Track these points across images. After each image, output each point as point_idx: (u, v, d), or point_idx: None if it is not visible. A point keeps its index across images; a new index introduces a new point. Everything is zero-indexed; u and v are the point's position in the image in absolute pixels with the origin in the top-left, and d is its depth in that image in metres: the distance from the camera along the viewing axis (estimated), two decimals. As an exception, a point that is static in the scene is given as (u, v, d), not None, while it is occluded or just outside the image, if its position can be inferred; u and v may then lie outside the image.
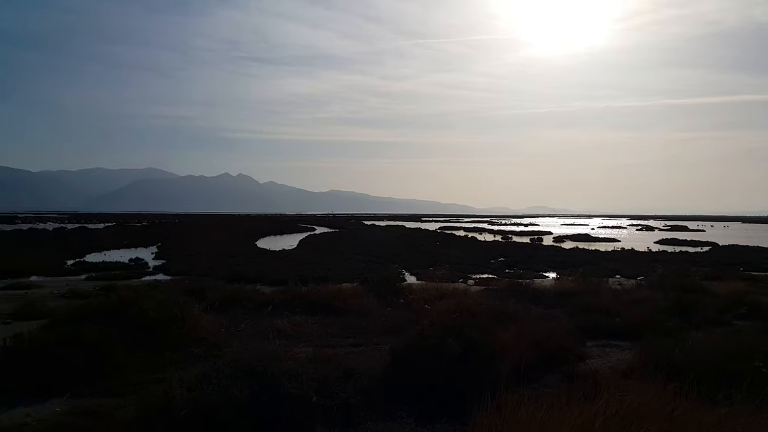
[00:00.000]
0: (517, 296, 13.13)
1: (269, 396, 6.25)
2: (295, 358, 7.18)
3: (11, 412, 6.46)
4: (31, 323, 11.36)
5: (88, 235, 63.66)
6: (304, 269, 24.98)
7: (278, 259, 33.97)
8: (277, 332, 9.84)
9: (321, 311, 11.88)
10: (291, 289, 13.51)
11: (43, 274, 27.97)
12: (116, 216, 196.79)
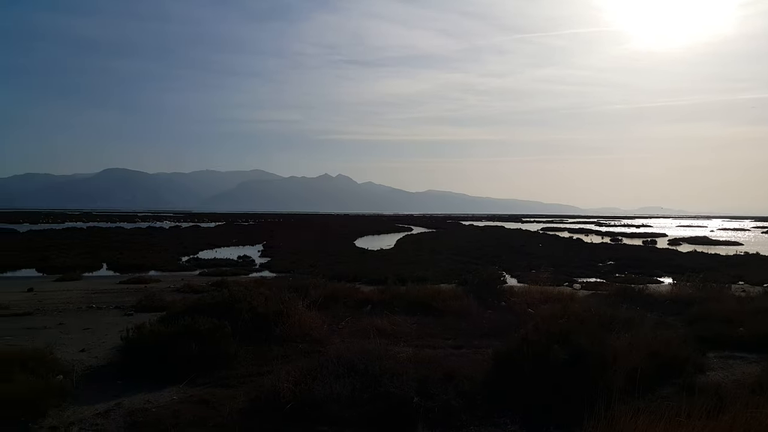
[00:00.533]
0: (629, 302, 12.41)
1: (370, 394, 6.31)
2: (395, 358, 7.20)
3: (133, 398, 6.96)
4: (151, 315, 12.25)
5: (200, 233, 67.86)
6: (401, 269, 25.13)
7: (376, 259, 34.43)
8: (377, 331, 9.92)
9: (419, 311, 11.86)
10: (390, 288, 13.60)
11: (161, 270, 30.17)
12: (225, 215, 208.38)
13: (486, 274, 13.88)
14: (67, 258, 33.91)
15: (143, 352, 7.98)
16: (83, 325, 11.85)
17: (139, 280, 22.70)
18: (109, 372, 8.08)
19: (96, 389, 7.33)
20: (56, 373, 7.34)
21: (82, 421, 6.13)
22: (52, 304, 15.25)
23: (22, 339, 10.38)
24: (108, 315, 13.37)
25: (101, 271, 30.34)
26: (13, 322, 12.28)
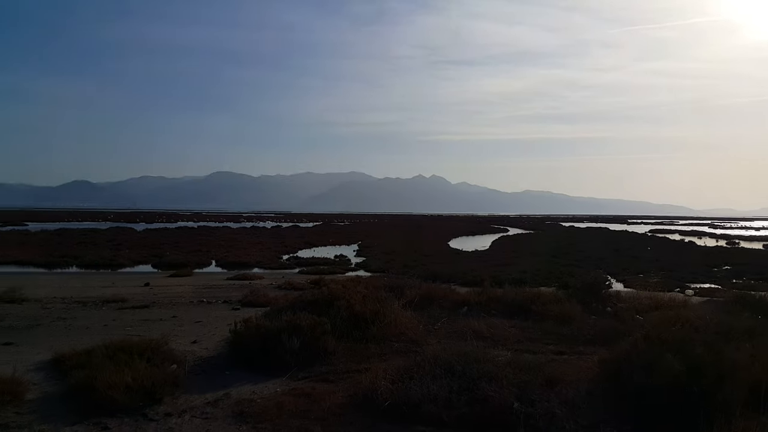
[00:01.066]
0: (749, 310, 11.41)
1: (468, 396, 6.21)
2: (493, 361, 7.04)
3: (241, 389, 7.29)
4: (256, 310, 12.80)
5: (299, 233, 70.26)
6: (498, 270, 24.67)
7: (471, 260, 34.02)
8: (474, 333, 9.78)
9: (518, 315, 11.55)
10: (486, 290, 13.36)
11: (264, 267, 31.54)
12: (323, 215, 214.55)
13: (590, 278, 13.28)
14: (180, 255, 36.30)
15: (249, 345, 8.36)
16: (194, 318, 12.60)
17: (244, 276, 23.83)
18: (218, 363, 8.53)
19: (206, 379, 7.76)
20: (170, 362, 7.83)
21: (193, 409, 6.50)
22: (166, 298, 16.36)
23: (140, 330, 11.21)
24: (217, 309, 14.14)
25: (210, 267, 32.17)
26: (132, 314, 13.29)
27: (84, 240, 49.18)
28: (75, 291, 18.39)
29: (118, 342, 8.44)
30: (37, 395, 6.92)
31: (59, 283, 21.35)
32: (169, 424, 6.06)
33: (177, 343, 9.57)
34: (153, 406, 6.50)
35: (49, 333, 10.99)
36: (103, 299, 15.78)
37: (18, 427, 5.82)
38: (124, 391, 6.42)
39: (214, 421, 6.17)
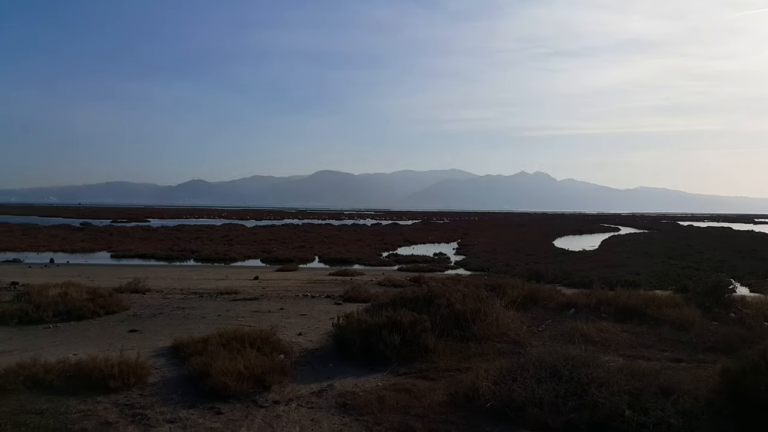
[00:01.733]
0: None
1: (576, 402, 5.94)
2: (603, 366, 6.68)
3: (343, 381, 7.45)
4: (357, 305, 13.04)
5: (398, 231, 70.87)
6: (607, 272, 23.52)
7: (578, 260, 32.67)
8: (582, 336, 9.35)
9: (630, 319, 10.90)
10: (595, 292, 12.73)
11: (364, 264, 32.16)
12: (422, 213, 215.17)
13: (711, 281, 12.28)
14: (286, 251, 37.86)
15: (351, 339, 8.51)
16: (300, 311, 13.05)
17: (345, 272, 24.40)
18: (322, 355, 8.76)
19: (310, 370, 8.00)
20: (278, 352, 8.15)
21: (299, 398, 6.72)
22: (273, 291, 17.09)
23: (250, 321, 11.78)
24: (320, 303, 14.57)
25: (313, 263, 33.28)
26: (243, 306, 14.00)
27: (200, 235, 52.57)
28: (192, 283, 19.70)
29: (231, 331, 8.90)
30: (159, 379, 7.44)
31: (178, 275, 22.96)
32: (277, 411, 6.30)
33: (284, 334, 9.95)
34: (262, 393, 6.80)
35: (169, 321, 11.82)
36: (217, 291, 16.76)
37: (141, 408, 6.28)
38: (237, 378, 6.76)
39: (318, 410, 6.34)
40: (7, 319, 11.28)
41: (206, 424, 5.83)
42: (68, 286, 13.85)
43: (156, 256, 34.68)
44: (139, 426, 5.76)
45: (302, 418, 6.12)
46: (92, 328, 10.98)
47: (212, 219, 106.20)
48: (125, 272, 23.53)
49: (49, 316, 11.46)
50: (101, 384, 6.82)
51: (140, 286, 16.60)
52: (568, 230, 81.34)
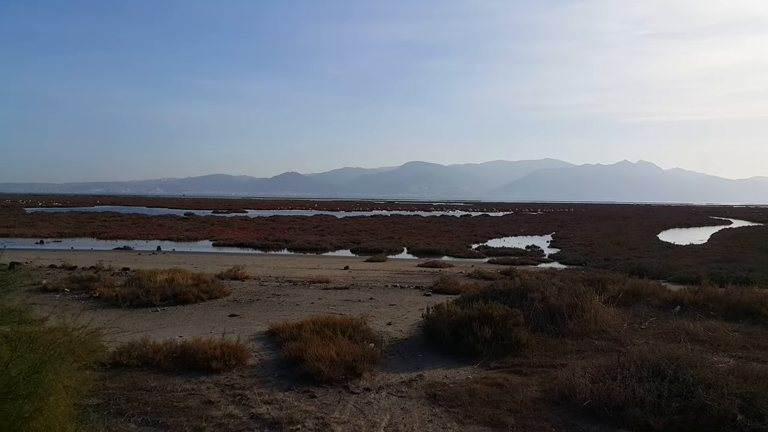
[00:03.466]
0: None
1: (680, 403, 5.58)
2: (712, 368, 6.23)
3: (433, 372, 7.42)
4: (447, 297, 12.96)
5: (489, 222, 69.79)
6: (717, 267, 21.95)
7: (685, 255, 30.69)
8: (688, 335, 8.77)
9: (743, 318, 10.10)
10: (704, 288, 11.88)
11: (453, 255, 31.93)
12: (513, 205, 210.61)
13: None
14: (375, 241, 38.34)
15: (441, 330, 8.47)
16: (389, 301, 13.16)
17: (434, 264, 24.34)
18: (411, 345, 8.78)
19: (399, 359, 8.04)
20: (369, 341, 8.25)
21: (389, 387, 6.77)
22: (363, 281, 17.35)
23: (341, 309, 12.02)
24: (409, 294, 14.61)
25: (402, 254, 33.46)
26: (334, 294, 14.31)
27: (293, 226, 54.36)
28: (286, 271, 20.40)
29: (323, 319, 9.13)
30: (257, 362, 7.76)
31: (273, 264, 23.86)
32: (368, 398, 6.38)
33: (374, 323, 10.07)
34: (353, 380, 6.91)
35: (265, 307, 12.30)
36: (310, 280, 17.25)
37: (241, 389, 6.57)
38: (329, 364, 6.91)
39: (408, 399, 6.35)
40: (119, 302, 12.20)
41: (301, 407, 5.99)
42: (174, 272, 14.76)
43: (253, 245, 36.21)
44: (239, 406, 6.02)
45: (392, 406, 6.15)
46: (196, 312, 11.63)
47: (304, 210, 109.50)
48: (225, 260, 24.76)
49: (156, 300, 12.28)
50: (204, 365, 7.21)
51: (239, 274, 17.39)
52: (673, 223, 76.56)
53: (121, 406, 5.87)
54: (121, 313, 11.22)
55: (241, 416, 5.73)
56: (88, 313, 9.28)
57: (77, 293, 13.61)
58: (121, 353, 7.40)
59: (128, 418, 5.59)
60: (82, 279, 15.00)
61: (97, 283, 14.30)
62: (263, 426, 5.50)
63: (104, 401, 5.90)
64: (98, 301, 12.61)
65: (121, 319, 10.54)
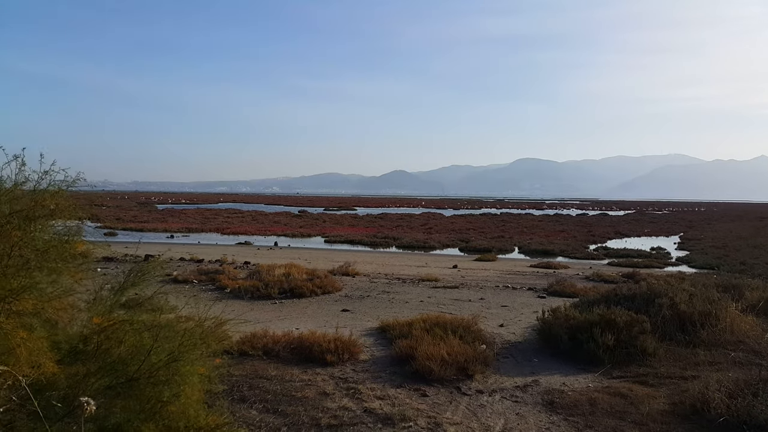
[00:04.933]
0: None
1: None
2: None
3: (550, 378, 7.14)
4: (563, 300, 12.46)
5: (608, 222, 66.37)
6: None
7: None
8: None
9: None
10: None
11: (568, 256, 30.67)
12: (635, 203, 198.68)
13: None
14: (484, 240, 37.77)
15: (558, 335, 8.13)
16: (500, 302, 12.88)
17: (548, 264, 23.51)
18: (525, 348, 8.52)
19: (513, 363, 7.82)
20: (480, 342, 8.10)
21: (503, 390, 6.60)
22: (472, 281, 17.12)
23: (451, 308, 11.93)
24: (522, 295, 14.21)
25: (513, 254, 32.66)
26: (444, 293, 14.24)
27: (401, 224, 54.88)
28: (395, 269, 20.61)
29: (434, 317, 9.09)
30: (368, 357, 7.88)
31: (382, 261, 24.21)
32: (481, 400, 6.25)
33: (485, 324, 9.89)
34: (465, 381, 6.81)
35: (375, 304, 12.49)
36: (419, 278, 17.30)
37: (354, 383, 6.70)
38: (440, 364, 6.86)
39: (524, 405, 6.15)
40: (242, 294, 12.93)
41: (413, 405, 6.00)
42: (290, 267, 15.41)
43: (362, 242, 36.98)
44: (353, 399, 6.13)
45: (506, 410, 5.99)
46: (311, 306, 12.06)
47: (412, 208, 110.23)
48: (336, 256, 25.49)
49: (275, 293, 12.88)
50: (320, 357, 7.43)
51: (350, 270, 17.82)
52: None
53: (244, 393, 6.19)
54: (243, 305, 11.88)
55: (355, 409, 5.83)
56: (215, 303, 9.91)
57: (204, 284, 14.60)
58: (244, 342, 7.81)
59: (250, 405, 5.88)
60: (208, 271, 16.08)
61: (221, 275, 15.25)
62: (376, 421, 5.56)
63: (229, 388, 6.24)
64: (223, 292, 13.45)
65: (244, 310, 11.15)
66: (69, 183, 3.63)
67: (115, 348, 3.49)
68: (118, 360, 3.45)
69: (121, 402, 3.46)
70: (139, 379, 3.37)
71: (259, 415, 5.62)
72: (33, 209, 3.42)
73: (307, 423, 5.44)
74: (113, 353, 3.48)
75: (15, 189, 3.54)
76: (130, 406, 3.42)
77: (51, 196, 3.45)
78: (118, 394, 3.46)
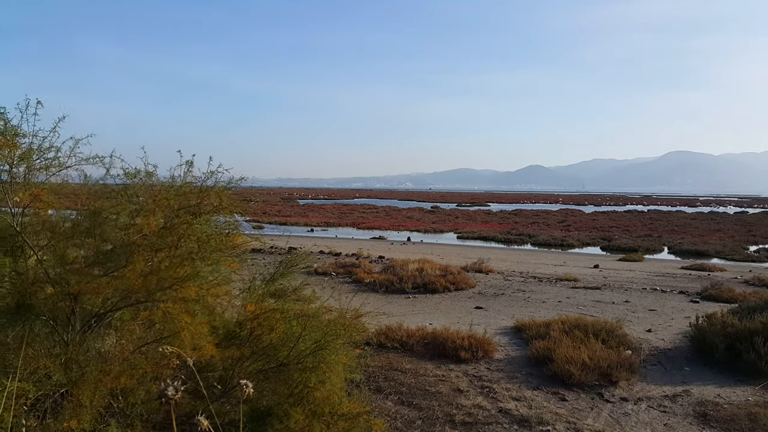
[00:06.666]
0: None
1: None
2: None
3: (703, 389, 6.58)
4: (719, 305, 11.39)
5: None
6: None
7: None
8: None
9: None
10: None
11: (724, 258, 27.92)
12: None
13: None
14: (629, 239, 35.47)
15: (713, 343, 7.47)
16: (648, 306, 12.04)
17: (701, 267, 21.58)
18: (675, 356, 7.91)
19: (661, 371, 7.30)
20: (625, 347, 7.66)
21: (650, 399, 6.19)
22: (616, 282, 16.16)
23: (592, 310, 11.38)
24: (672, 299, 13.18)
25: (662, 254, 30.36)
26: (584, 294, 13.61)
27: (536, 220, 53.17)
28: (530, 267, 20.05)
29: (573, 319, 8.75)
30: (503, 356, 7.77)
31: (516, 258, 23.65)
32: (625, 408, 5.92)
33: (630, 329, 9.32)
34: (608, 387, 6.48)
35: (510, 302, 12.25)
36: (556, 277, 16.69)
37: (489, 381, 6.64)
38: (581, 368, 6.60)
39: (673, 416, 5.73)
40: (377, 287, 13.32)
41: (551, 408, 5.83)
42: (423, 262, 15.59)
43: (495, 239, 36.39)
44: (487, 398, 6.09)
45: (653, 420, 5.61)
46: (444, 302, 12.12)
47: (548, 204, 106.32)
48: (469, 252, 25.34)
49: (408, 288, 13.11)
50: (453, 353, 7.47)
51: (483, 267, 17.63)
52: None
53: (380, 384, 6.39)
54: (378, 298, 12.24)
55: (490, 409, 5.78)
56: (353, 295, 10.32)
57: (342, 277, 15.25)
58: (380, 335, 8.05)
59: (386, 396, 6.06)
60: (345, 264, 16.76)
61: (358, 268, 15.83)
62: (512, 422, 5.47)
63: (366, 378, 6.48)
64: (359, 284, 13.95)
65: (380, 303, 11.48)
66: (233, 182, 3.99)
67: (267, 334, 3.77)
68: (269, 346, 3.73)
69: (271, 386, 3.73)
70: (288, 365, 3.62)
71: (395, 407, 5.77)
72: (199, 205, 3.80)
73: (441, 418, 5.49)
74: (265, 339, 3.77)
75: (184, 186, 3.95)
76: (280, 390, 3.68)
77: (215, 193, 3.81)
78: (268, 378, 3.74)
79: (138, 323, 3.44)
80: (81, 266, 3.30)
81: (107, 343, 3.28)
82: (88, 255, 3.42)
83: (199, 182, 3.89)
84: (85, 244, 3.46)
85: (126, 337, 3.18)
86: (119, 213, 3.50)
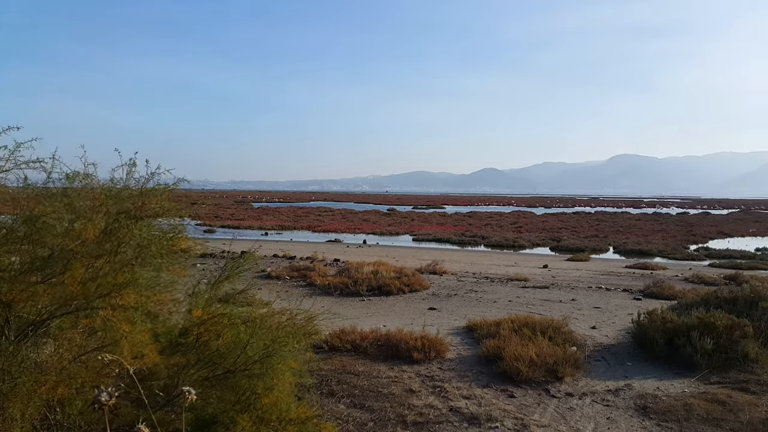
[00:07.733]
0: None
1: None
2: None
3: (643, 382, 6.86)
4: (660, 302, 11.86)
5: (710, 221, 62.18)
6: None
7: None
8: None
9: None
10: None
11: (666, 257, 29.10)
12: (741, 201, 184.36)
13: None
14: (576, 240, 36.52)
15: (653, 338, 7.79)
16: (593, 304, 12.44)
17: (644, 265, 22.41)
18: (618, 351, 8.21)
19: (605, 366, 7.57)
20: (570, 344, 7.89)
21: (593, 394, 6.41)
22: (563, 281, 16.62)
23: (540, 309, 11.68)
24: (616, 297, 13.65)
25: (607, 254, 31.36)
26: (533, 293, 13.95)
27: (490, 222, 54.11)
28: (483, 268, 20.39)
29: (522, 318, 8.96)
30: (455, 356, 7.89)
31: (470, 260, 24.02)
32: (570, 403, 6.11)
33: (576, 326, 9.61)
34: (554, 383, 6.68)
35: (462, 303, 12.44)
36: (507, 277, 17.03)
37: (440, 381, 6.74)
38: (528, 365, 6.77)
39: (615, 409, 5.95)
40: (332, 290, 13.31)
41: (500, 405, 5.96)
42: (378, 264, 15.66)
43: (450, 241, 36.81)
44: (439, 397, 6.18)
45: (597, 414, 5.82)
46: (398, 304, 12.21)
47: (502, 206, 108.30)
48: (424, 254, 25.57)
49: (363, 290, 13.15)
50: (406, 354, 7.54)
51: (437, 268, 17.83)
52: None
53: (333, 388, 6.40)
54: (333, 301, 12.23)
55: (441, 408, 5.87)
56: (306, 299, 10.27)
57: (296, 281, 15.15)
58: (333, 338, 8.05)
59: (338, 399, 6.07)
60: (300, 268, 16.66)
61: (312, 272, 15.76)
62: (462, 420, 5.57)
63: (319, 382, 6.47)
64: (314, 288, 13.90)
65: (333, 306, 11.47)
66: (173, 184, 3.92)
67: (214, 341, 3.73)
68: (216, 353, 3.69)
69: (217, 393, 3.69)
70: (235, 372, 3.59)
71: (347, 410, 5.79)
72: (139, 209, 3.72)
73: (393, 419, 5.54)
74: (211, 346, 3.73)
75: (123, 190, 3.86)
76: (226, 397, 3.65)
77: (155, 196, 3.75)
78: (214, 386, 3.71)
79: (78, 331, 3.36)
80: (15, 273, 3.20)
81: (45, 352, 3.19)
82: (24, 261, 3.31)
83: (140, 185, 3.81)
84: (21, 250, 3.35)
85: (64, 345, 3.10)
86: (57, 218, 3.41)
